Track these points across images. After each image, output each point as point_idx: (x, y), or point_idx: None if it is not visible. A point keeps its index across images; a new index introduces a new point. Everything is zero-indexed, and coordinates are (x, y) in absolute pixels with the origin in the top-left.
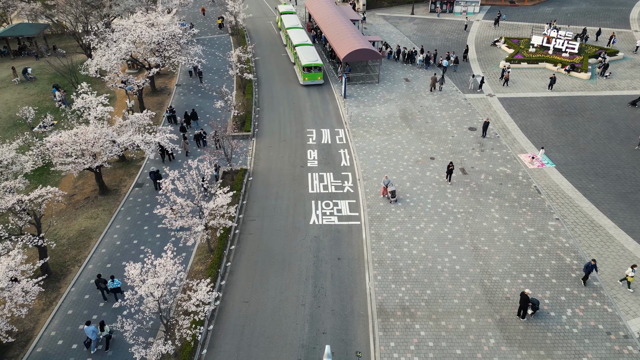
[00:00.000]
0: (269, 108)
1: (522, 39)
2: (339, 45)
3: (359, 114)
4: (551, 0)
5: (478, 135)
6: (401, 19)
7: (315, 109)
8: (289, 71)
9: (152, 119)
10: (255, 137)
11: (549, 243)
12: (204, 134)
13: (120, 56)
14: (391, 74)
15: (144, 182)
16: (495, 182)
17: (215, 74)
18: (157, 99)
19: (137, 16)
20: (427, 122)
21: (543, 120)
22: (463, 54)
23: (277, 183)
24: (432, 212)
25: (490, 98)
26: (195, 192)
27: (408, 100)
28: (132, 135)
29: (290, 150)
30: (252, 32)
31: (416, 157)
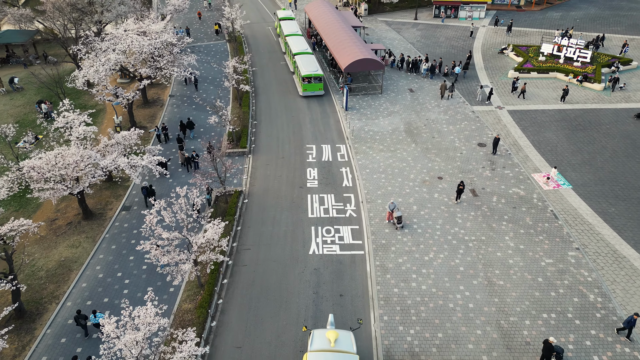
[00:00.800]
0: (267, 121)
1: (531, 46)
2: (340, 55)
3: (361, 128)
4: (559, 5)
5: (488, 152)
6: (404, 24)
7: (315, 123)
8: (288, 81)
9: (141, 137)
10: (251, 154)
11: (570, 277)
12: (195, 156)
13: (109, 67)
14: (395, 84)
15: (132, 204)
16: (508, 205)
17: (211, 83)
18: (149, 112)
19: (128, 24)
20: (434, 137)
21: (556, 135)
22: (466, 60)
23: (274, 206)
24: (442, 240)
25: (500, 110)
26: (184, 222)
27: (413, 113)
28: (117, 158)
29: (289, 168)
30: (250, 38)
31: (423, 177)
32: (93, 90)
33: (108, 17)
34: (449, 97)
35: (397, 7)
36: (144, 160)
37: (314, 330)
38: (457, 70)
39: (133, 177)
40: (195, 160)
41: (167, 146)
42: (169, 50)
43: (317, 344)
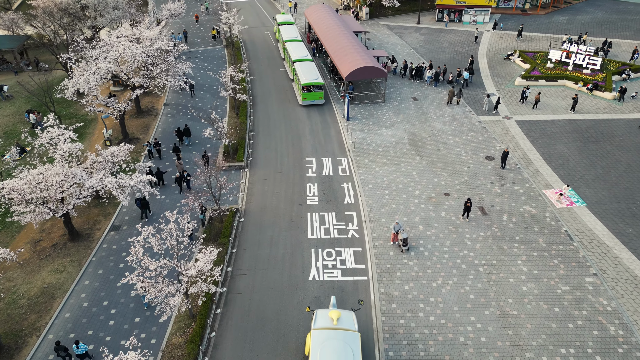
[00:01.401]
0: (265, 132)
1: (538, 52)
2: (341, 62)
3: (363, 139)
4: (565, 8)
5: (496, 166)
6: (406, 29)
7: (316, 134)
8: (287, 89)
9: (131, 152)
10: (248, 168)
11: (588, 306)
12: (187, 176)
13: (100, 76)
14: (398, 92)
15: (122, 223)
16: (519, 225)
17: (207, 91)
18: (142, 122)
19: (121, 30)
20: (439, 150)
21: (567, 148)
22: (468, 65)
23: (272, 226)
24: (450, 264)
25: (507, 121)
26: (175, 249)
27: (417, 123)
28: (105, 177)
29: (288, 183)
30: (248, 43)
31: (429, 193)
32: (83, 100)
33: (102, 22)
34: (457, 103)
35: (399, 10)
36: (132, 179)
37: (317, 310)
38: (465, 76)
39: (121, 199)
40: (188, 178)
41: (159, 162)
42: (163, 58)
43: (321, 323)
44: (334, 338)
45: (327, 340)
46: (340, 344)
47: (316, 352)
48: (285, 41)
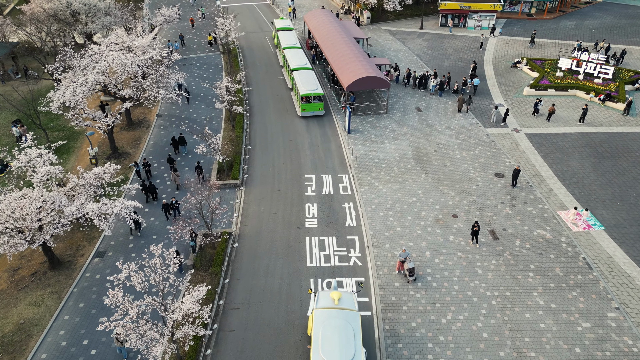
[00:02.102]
0: (262, 147)
1: (547, 60)
2: (341, 72)
3: (365, 154)
4: (572, 13)
5: (507, 184)
6: (409, 34)
7: (315, 148)
8: (286, 99)
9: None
10: (244, 186)
11: (612, 346)
12: (175, 203)
13: (87, 89)
14: (401, 102)
15: (107, 249)
16: (533, 251)
17: (202, 101)
18: (133, 135)
19: (112, 38)
20: (446, 166)
21: (581, 164)
22: (471, 72)
23: (268, 252)
24: (461, 296)
25: (517, 134)
26: (159, 285)
27: (422, 136)
28: (86, 203)
29: (285, 203)
30: (246, 49)
31: (436, 214)
32: (69, 114)
33: (93, 29)
34: (467, 111)
35: (401, 15)
36: (116, 206)
37: (319, 292)
38: (476, 82)
39: (103, 228)
40: (176, 206)
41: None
42: (155, 68)
43: (322, 303)
44: (335, 317)
45: (329, 318)
46: (341, 322)
47: (318, 330)
48: (284, 48)
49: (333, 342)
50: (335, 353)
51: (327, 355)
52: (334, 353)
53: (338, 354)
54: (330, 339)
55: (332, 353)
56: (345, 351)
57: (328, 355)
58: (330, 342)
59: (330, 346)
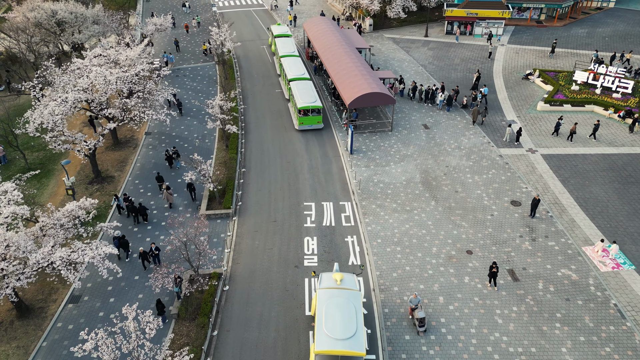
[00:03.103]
0: (257, 170)
1: (561, 72)
2: (343, 87)
3: (369, 178)
4: (583, 20)
5: (524, 214)
6: (413, 42)
7: (315, 171)
8: (283, 113)
9: (95, 207)
10: (237, 216)
11: None
12: (155, 251)
13: (67, 110)
14: (406, 119)
15: (83, 292)
16: (559, 295)
17: (195, 116)
18: (119, 155)
19: (97, 50)
20: (457, 192)
21: (604, 190)
22: (474, 81)
23: (262, 298)
24: (480, 352)
25: (532, 155)
26: (134, 352)
27: (430, 157)
28: (55, 249)
29: (282, 237)
30: (242, 59)
31: (448, 250)
32: (47, 137)
33: (80, 39)
34: (482, 122)
35: (404, 22)
36: (89, 253)
37: (322, 273)
38: (485, 91)
39: (71, 280)
40: (155, 254)
41: (129, 221)
42: (143, 84)
43: (325, 283)
44: (337, 296)
45: (332, 297)
46: (343, 301)
47: (322, 308)
48: (281, 56)
49: (336, 319)
50: (338, 329)
51: (331, 331)
52: (337, 329)
53: (341, 330)
54: (333, 316)
55: (335, 329)
56: (348, 327)
57: (331, 331)
58: (333, 319)
59: (333, 323)
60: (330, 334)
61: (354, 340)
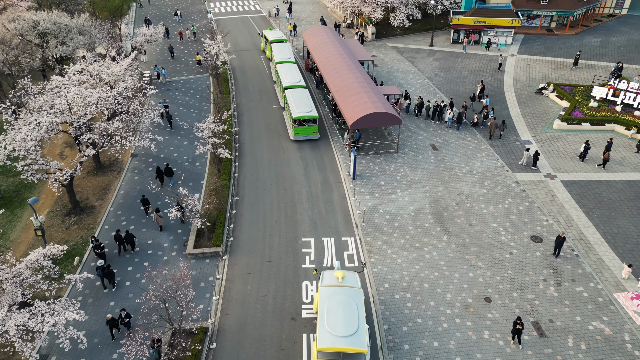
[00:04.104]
0: (252, 199)
1: (577, 86)
2: (345, 105)
3: (374, 208)
4: (595, 28)
5: (547, 252)
6: (418, 52)
7: (315, 199)
8: (281, 133)
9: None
10: (228, 254)
11: None
12: (125, 318)
13: (41, 135)
14: (413, 138)
15: (50, 351)
16: (592, 355)
17: (185, 136)
18: (101, 181)
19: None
20: (471, 225)
21: (633, 223)
22: (478, 93)
23: (254, 358)
24: None
25: (551, 181)
26: None
27: (439, 183)
28: (8, 316)
29: (278, 280)
30: (238, 70)
31: (464, 297)
32: (18, 165)
33: (64, 51)
34: (500, 137)
35: (408, 29)
36: (49, 321)
37: (324, 271)
38: (486, 102)
39: (27, 354)
40: (125, 321)
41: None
42: (127, 105)
43: (327, 281)
44: (339, 293)
45: (334, 295)
46: (345, 298)
47: (324, 306)
48: (277, 63)
49: (338, 316)
50: (340, 326)
51: (332, 328)
52: (339, 326)
53: (343, 327)
54: (335, 313)
55: (337, 326)
56: (350, 324)
57: (333, 328)
58: (335, 316)
59: (335, 320)
60: (332, 331)
61: (356, 337)
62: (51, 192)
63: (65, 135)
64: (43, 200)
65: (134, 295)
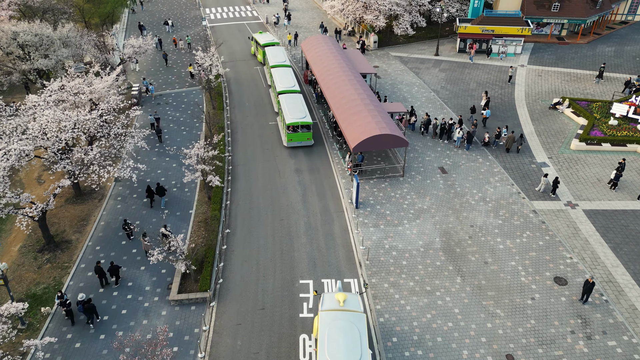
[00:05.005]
0: (244, 231)
1: (594, 101)
2: (347, 126)
3: (379, 242)
4: (608, 36)
5: (573, 297)
6: (423, 62)
7: (314, 232)
8: (278, 153)
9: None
10: (216, 300)
11: None
12: None
13: (10, 164)
14: (419, 159)
15: None
16: None
17: (174, 157)
18: (81, 210)
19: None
20: (487, 263)
21: None
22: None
23: None
24: None
25: (572, 210)
26: None
27: (450, 212)
28: None
29: (272, 334)
30: (233, 83)
31: (483, 355)
32: None
33: (45, 64)
34: (518, 151)
35: (412, 37)
36: None
37: (324, 294)
38: (487, 114)
39: None
40: None
41: (76, 330)
42: (107, 129)
43: (328, 305)
44: (340, 318)
45: (335, 320)
46: (347, 324)
47: (324, 332)
48: (272, 67)
49: (339, 343)
50: (342, 354)
51: (334, 356)
52: (340, 355)
53: (344, 355)
54: (336, 341)
55: (338, 355)
56: (352, 352)
57: (334, 356)
58: (337, 343)
59: (337, 348)
60: (333, 359)
61: None
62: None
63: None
64: (15, 234)
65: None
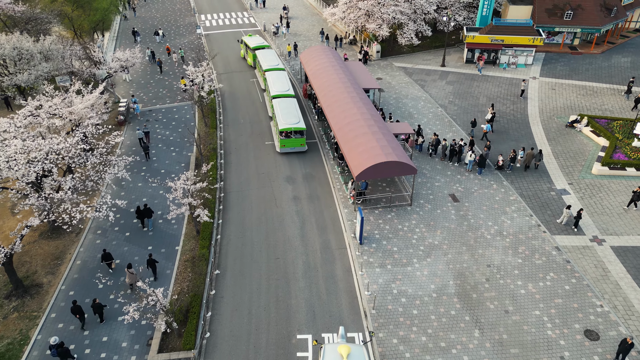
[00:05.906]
0: (236, 273)
1: (615, 119)
2: (349, 150)
3: (386, 286)
4: (623, 45)
5: (607, 355)
6: (429, 73)
7: (313, 274)
8: (274, 179)
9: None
10: None
11: None
12: None
13: None
14: (429, 185)
15: None
16: None
17: (161, 181)
18: (55, 247)
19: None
20: (507, 312)
21: None
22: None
23: None
24: None
25: (599, 247)
26: None
27: (464, 249)
28: None
29: None
30: (228, 96)
31: None
32: None
33: (23, 80)
34: (536, 167)
35: (417, 47)
36: None
37: (326, 345)
38: (487, 128)
39: None
40: None
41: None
42: (83, 160)
43: (329, 359)
44: None
45: None
46: None
47: None
48: (265, 70)
49: None
50: None
51: None
52: None
53: None
54: None
55: None
56: None
57: None
58: None
59: None
60: None
61: None
62: None
63: None
64: None
65: None
